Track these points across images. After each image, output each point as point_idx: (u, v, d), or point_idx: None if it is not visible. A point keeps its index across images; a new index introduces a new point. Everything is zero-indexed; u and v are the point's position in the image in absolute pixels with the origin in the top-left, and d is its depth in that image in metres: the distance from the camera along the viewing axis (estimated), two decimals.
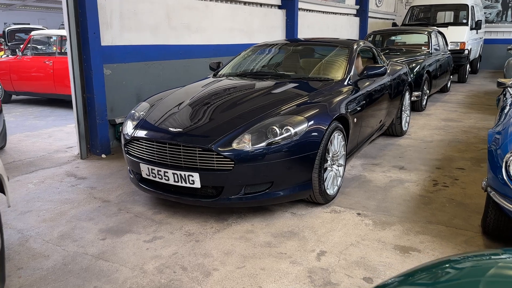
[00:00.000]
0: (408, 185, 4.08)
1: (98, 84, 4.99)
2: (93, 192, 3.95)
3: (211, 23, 6.88)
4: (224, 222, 3.29)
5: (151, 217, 3.39)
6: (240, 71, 4.83)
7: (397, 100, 5.51)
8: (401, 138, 5.90)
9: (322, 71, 4.55)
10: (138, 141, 3.40)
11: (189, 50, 6.43)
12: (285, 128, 3.18)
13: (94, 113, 5.01)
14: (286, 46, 5.14)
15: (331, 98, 3.75)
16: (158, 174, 3.23)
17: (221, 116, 3.42)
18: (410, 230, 3.14)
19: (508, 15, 15.66)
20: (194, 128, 3.30)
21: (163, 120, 3.49)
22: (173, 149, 3.16)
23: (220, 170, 3.06)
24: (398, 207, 3.57)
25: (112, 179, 4.30)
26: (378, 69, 4.38)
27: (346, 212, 3.46)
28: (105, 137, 5.13)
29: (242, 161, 3.04)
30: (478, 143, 5.59)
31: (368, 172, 4.45)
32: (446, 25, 12.03)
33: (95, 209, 3.58)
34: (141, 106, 3.91)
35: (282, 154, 3.12)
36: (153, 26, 5.82)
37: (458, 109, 8.12)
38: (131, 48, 5.54)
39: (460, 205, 3.60)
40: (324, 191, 3.46)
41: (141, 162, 3.33)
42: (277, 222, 3.29)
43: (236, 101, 3.68)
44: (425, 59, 8.12)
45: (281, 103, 3.55)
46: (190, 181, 3.12)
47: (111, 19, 5.24)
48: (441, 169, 4.56)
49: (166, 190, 3.31)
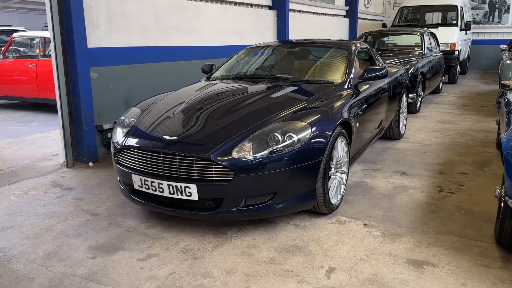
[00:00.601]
0: (412, 192, 3.92)
1: (85, 88, 4.73)
2: (81, 204, 3.70)
3: (201, 24, 6.66)
4: (224, 236, 3.07)
5: (144, 232, 3.15)
6: (235, 74, 4.62)
7: (395, 103, 5.36)
8: (399, 142, 5.75)
9: (321, 73, 4.36)
10: (129, 150, 3.16)
11: (180, 52, 6.20)
12: (287, 135, 2.98)
13: (80, 119, 4.75)
14: (282, 47, 4.95)
15: (332, 102, 3.56)
16: (151, 186, 3.00)
17: (218, 123, 3.21)
18: (421, 242, 2.96)
19: (495, 16, 15.73)
20: (190, 135, 3.07)
21: (156, 127, 3.26)
22: (168, 159, 2.94)
23: (219, 181, 2.85)
24: (405, 216, 3.39)
25: (101, 189, 4.05)
26: (379, 71, 4.21)
27: (352, 223, 3.27)
28: (92, 144, 4.87)
29: (243, 171, 2.83)
30: (478, 146, 5.46)
31: (370, 178, 4.27)
32: (436, 26, 11.99)
33: (83, 223, 3.33)
34: (132, 112, 3.68)
35: (285, 162, 2.92)
36: (142, 27, 5.57)
37: (453, 110, 8.02)
38: (119, 50, 5.29)
39: (469, 213, 3.44)
40: (329, 201, 3.27)
41: (133, 172, 3.09)
42: (280, 235, 3.08)
43: (233, 106, 3.46)
44: (418, 60, 8.01)
45: (281, 108, 3.35)
46: (186, 193, 2.90)
47: (98, 20, 4.98)
48: (444, 174, 4.41)
49: (160, 203, 3.08)
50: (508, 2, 15.34)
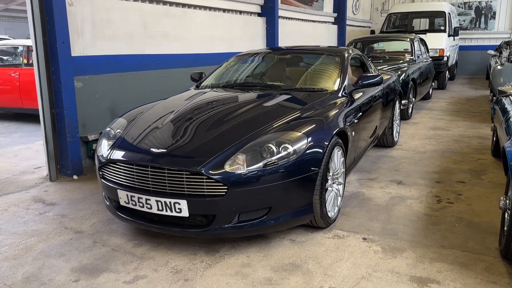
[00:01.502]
0: (410, 202, 3.79)
1: (68, 98, 4.54)
2: (64, 221, 3.50)
3: (190, 31, 6.50)
4: (216, 254, 2.90)
5: (131, 251, 2.96)
6: (225, 82, 4.47)
7: (388, 110, 5.25)
8: (393, 149, 5.64)
9: (314, 81, 4.23)
10: (114, 164, 2.98)
11: (168, 60, 6.03)
12: (282, 146, 2.83)
13: (64, 130, 4.55)
14: (273, 54, 4.81)
15: (327, 110, 3.42)
16: (139, 202, 2.83)
17: (210, 134, 3.04)
18: (423, 257, 2.83)
19: (482, 22, 15.86)
20: (180, 147, 2.91)
21: (144, 139, 3.09)
22: (156, 173, 2.76)
23: (211, 196, 2.68)
24: (405, 229, 3.26)
25: (85, 204, 3.85)
26: (374, 78, 4.10)
27: (351, 237, 3.12)
28: (76, 156, 4.66)
29: (236, 185, 2.67)
30: (473, 153, 5.37)
31: (366, 189, 4.14)
32: (424, 32, 12.00)
33: (66, 242, 3.13)
34: (118, 123, 3.50)
35: (280, 175, 2.77)
36: (128, 34, 5.40)
37: (444, 116, 7.96)
38: (105, 58, 5.11)
39: (470, 225, 3.32)
40: (326, 214, 3.12)
41: (119, 188, 2.91)
42: (275, 251, 2.92)
43: (224, 116, 3.31)
44: (409, 66, 7.95)
45: (274, 118, 3.20)
46: (176, 209, 2.72)
47: (82, 27, 4.80)
48: (441, 183, 4.29)
49: (148, 220, 2.90)
50: (494, 8, 15.48)
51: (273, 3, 8.48)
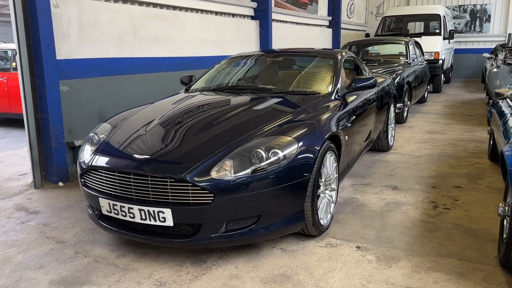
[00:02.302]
0: (406, 208, 3.67)
1: (54, 102, 4.40)
2: (46, 231, 3.35)
3: (181, 34, 6.38)
4: (203, 265, 2.77)
5: (113, 262, 2.82)
6: (216, 85, 4.35)
7: (383, 113, 5.14)
8: (388, 154, 5.53)
9: (307, 84, 4.12)
10: (96, 170, 2.85)
11: (158, 63, 5.91)
12: (272, 151, 2.71)
13: (49, 136, 4.41)
14: (265, 57, 4.70)
15: (320, 114, 3.30)
16: (121, 211, 2.69)
17: (196, 139, 2.92)
18: (419, 267, 2.70)
19: (477, 25, 15.85)
20: (165, 153, 2.78)
21: (128, 145, 2.96)
22: (140, 181, 2.63)
23: (197, 204, 2.55)
24: (400, 236, 3.14)
25: (70, 212, 3.71)
26: (367, 81, 3.98)
27: (344, 246, 2.99)
28: (62, 162, 4.52)
29: (223, 192, 2.54)
30: (469, 157, 5.27)
31: (360, 194, 4.02)
32: (419, 35, 11.94)
33: (47, 253, 2.99)
34: (102, 128, 3.36)
35: (270, 182, 2.64)
36: (117, 37, 5.28)
37: (440, 120, 7.87)
38: (92, 61, 4.98)
39: (467, 232, 3.20)
40: (318, 222, 2.99)
41: (101, 196, 2.78)
42: (265, 262, 2.79)
43: (212, 120, 3.18)
44: (404, 69, 7.87)
45: (264, 122, 3.08)
46: (160, 218, 2.59)
47: (68, 30, 4.67)
48: (437, 188, 4.18)
49: (131, 229, 2.76)
50: (488, 11, 15.48)
51: (266, 6, 8.38)
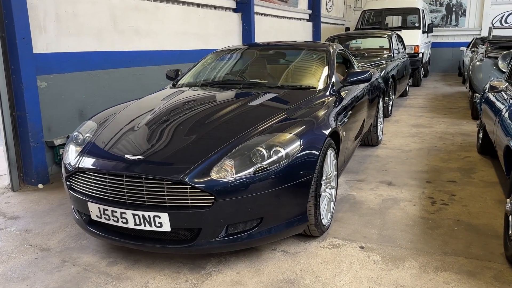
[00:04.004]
0: (404, 205, 3.59)
1: (31, 99, 4.13)
2: (28, 238, 3.12)
3: (163, 27, 6.15)
4: (201, 271, 2.60)
5: (105, 271, 2.63)
6: (204, 80, 4.17)
7: (373, 108, 5.06)
8: (378, 148, 5.46)
9: (300, 78, 3.98)
10: (84, 173, 2.64)
11: (139, 57, 5.67)
12: (273, 149, 2.56)
13: (27, 135, 4.14)
14: (254, 51, 4.53)
15: (317, 109, 3.17)
16: (112, 216, 2.50)
17: (191, 137, 2.74)
18: (427, 267, 2.61)
19: (452, 19, 16.04)
20: (159, 153, 2.59)
21: (117, 144, 2.76)
22: (133, 183, 2.44)
23: (196, 207, 2.38)
24: (403, 235, 3.04)
25: (52, 216, 3.48)
26: (362, 75, 3.87)
27: (347, 246, 2.88)
28: (41, 163, 4.26)
29: (224, 194, 2.38)
30: (459, 151, 5.25)
31: (356, 191, 3.92)
32: (399, 28, 11.96)
33: (30, 262, 2.77)
34: (86, 126, 3.14)
35: (272, 182, 2.50)
36: (96, 29, 5.01)
37: (424, 113, 7.88)
38: (71, 55, 4.71)
39: (470, 228, 3.14)
40: (320, 222, 2.87)
41: (90, 200, 2.57)
42: (267, 266, 2.65)
43: (206, 117, 3.01)
44: (388, 63, 7.83)
45: (262, 118, 2.93)
46: (156, 223, 2.41)
47: (45, 22, 4.40)
48: (432, 183, 4.12)
49: (123, 235, 2.57)
50: (464, 5, 15.67)
51: None
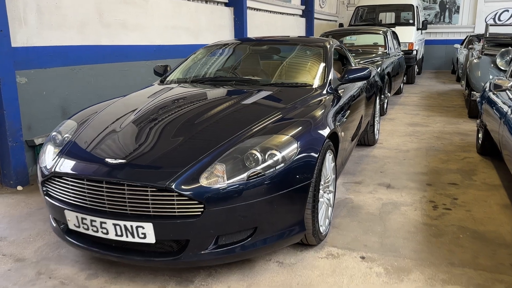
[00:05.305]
0: (404, 209, 3.40)
1: (9, 96, 3.87)
2: (2, 246, 2.88)
3: (152, 21, 5.89)
4: (190, 285, 2.39)
5: (84, 284, 2.41)
6: (194, 77, 3.94)
7: (371, 106, 4.87)
8: (375, 148, 5.28)
9: (296, 75, 3.77)
10: (61, 178, 2.41)
11: (127, 52, 5.41)
12: (269, 152, 2.35)
13: (5, 134, 3.89)
14: (246, 46, 4.31)
15: (316, 109, 2.96)
16: (92, 226, 2.27)
17: (179, 138, 2.52)
18: (434, 279, 2.43)
19: (446, 16, 15.93)
20: (143, 157, 2.36)
21: (97, 146, 2.53)
22: (114, 190, 2.22)
23: (183, 217, 2.17)
24: (406, 243, 2.85)
25: (30, 222, 3.24)
26: (361, 72, 3.67)
27: (347, 256, 2.68)
28: (21, 163, 4.00)
29: (214, 202, 2.17)
30: (458, 151, 5.09)
31: (354, 194, 3.73)
32: (393, 25, 11.80)
33: (3, 274, 2.53)
34: (66, 125, 2.91)
35: (268, 188, 2.29)
36: (81, 22, 4.75)
37: (419, 112, 7.72)
38: (54, 49, 4.45)
39: (475, 236, 2.96)
40: (318, 230, 2.67)
41: (67, 208, 2.34)
42: (261, 279, 2.44)
43: (196, 117, 2.79)
44: (383, 60, 7.64)
45: (255, 118, 2.72)
46: (140, 234, 2.19)
47: (25, 14, 4.13)
48: (432, 185, 3.94)
49: (104, 246, 2.35)
50: (458, 2, 15.57)
51: None
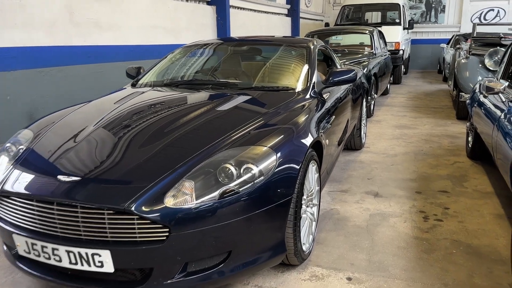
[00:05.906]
0: (393, 221, 3.19)
1: None
2: None
3: (127, 19, 5.60)
4: None
5: None
6: (170, 80, 3.67)
7: (357, 109, 4.66)
8: (361, 153, 5.07)
9: (277, 78, 3.53)
10: (8, 197, 2.13)
11: (100, 52, 5.11)
12: (244, 166, 2.10)
13: None
14: (227, 46, 4.06)
15: (297, 116, 2.72)
16: (43, 252, 2.00)
17: (145, 151, 2.25)
18: None
19: (432, 15, 15.87)
20: (101, 173, 2.09)
21: (51, 161, 2.25)
22: (66, 212, 1.94)
23: (146, 242, 1.91)
24: (395, 260, 2.63)
25: None
26: (346, 75, 3.44)
27: (332, 277, 2.45)
28: None
29: (182, 225, 1.91)
30: (447, 155, 4.90)
31: (340, 204, 3.50)
32: (379, 24, 11.65)
33: None
34: (22, 136, 2.63)
35: (243, 207, 2.04)
36: (49, 21, 4.45)
37: (406, 113, 7.55)
38: (19, 51, 4.15)
39: (469, 251, 2.75)
40: (300, 249, 2.43)
41: (15, 231, 2.07)
42: None
43: (166, 126, 2.52)
44: (370, 60, 7.45)
45: (231, 127, 2.47)
46: (96, 262, 1.93)
47: None
48: (422, 193, 3.74)
49: (59, 274, 2.07)
50: (443, 2, 15.51)
51: None
